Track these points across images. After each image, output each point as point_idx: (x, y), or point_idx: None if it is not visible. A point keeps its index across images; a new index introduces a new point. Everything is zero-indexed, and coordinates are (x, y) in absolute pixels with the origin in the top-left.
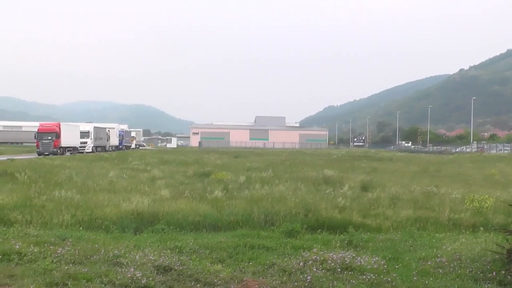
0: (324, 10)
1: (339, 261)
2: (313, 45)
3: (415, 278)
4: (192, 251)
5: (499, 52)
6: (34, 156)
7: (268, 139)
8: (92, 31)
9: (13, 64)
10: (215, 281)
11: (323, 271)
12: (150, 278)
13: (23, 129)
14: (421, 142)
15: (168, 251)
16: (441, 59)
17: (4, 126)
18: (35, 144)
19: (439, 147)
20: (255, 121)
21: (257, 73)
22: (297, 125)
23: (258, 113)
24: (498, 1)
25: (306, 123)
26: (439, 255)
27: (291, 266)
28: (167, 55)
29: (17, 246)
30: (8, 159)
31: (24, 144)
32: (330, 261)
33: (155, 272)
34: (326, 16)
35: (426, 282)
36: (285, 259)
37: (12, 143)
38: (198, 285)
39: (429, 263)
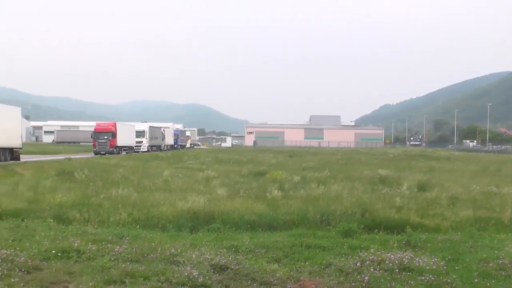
0: (379, 7)
1: (397, 261)
2: (369, 43)
3: (476, 280)
4: (248, 250)
5: None
6: (90, 155)
7: (323, 138)
8: (148, 31)
9: (71, 65)
10: (272, 280)
11: (380, 271)
12: (207, 277)
13: (80, 128)
14: (480, 141)
15: (224, 250)
16: (501, 56)
17: (62, 126)
18: (92, 143)
19: (499, 146)
20: (310, 120)
21: (312, 71)
22: (352, 124)
23: (313, 112)
24: None
25: (361, 122)
26: (501, 257)
27: (348, 266)
28: (223, 55)
29: (76, 244)
30: (66, 158)
31: (81, 143)
32: (387, 262)
33: (212, 271)
34: (383, 13)
35: (488, 284)
36: (342, 259)
37: (69, 142)
38: (255, 284)
39: (490, 264)
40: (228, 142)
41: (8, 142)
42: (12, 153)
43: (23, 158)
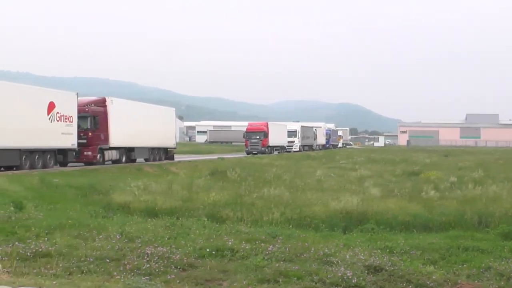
0: None
1: None
2: None
3: None
4: (402, 251)
5: None
6: (242, 155)
7: (479, 138)
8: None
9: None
10: (428, 283)
11: None
12: (361, 278)
13: (232, 128)
14: None
15: (379, 251)
16: None
17: (214, 126)
18: (244, 143)
19: None
20: (465, 119)
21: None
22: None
23: (469, 111)
24: None
25: None
26: None
27: (510, 270)
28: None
29: (230, 243)
30: (218, 158)
31: (233, 143)
32: None
33: (366, 271)
34: None
35: None
36: (502, 262)
37: (222, 142)
38: (410, 286)
39: None
40: (381, 142)
41: (163, 142)
42: (166, 153)
43: (177, 157)
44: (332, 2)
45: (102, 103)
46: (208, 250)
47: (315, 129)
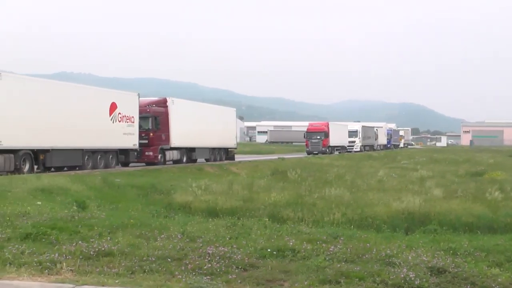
0: None
1: None
2: None
3: None
4: (466, 253)
5: None
6: (303, 155)
7: None
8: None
9: (284, 65)
10: (493, 285)
11: None
12: (424, 280)
13: (293, 128)
14: None
15: (442, 252)
16: None
17: (275, 126)
18: (305, 143)
19: None
20: None
21: None
22: None
23: None
24: None
25: None
26: None
27: None
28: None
29: (291, 243)
30: (279, 158)
31: (293, 143)
32: None
33: (429, 273)
34: None
35: None
36: None
37: (282, 142)
38: None
39: None
40: (443, 142)
41: (224, 142)
42: (227, 153)
43: (238, 158)
44: (393, 0)
45: (163, 103)
46: (269, 250)
47: (376, 129)
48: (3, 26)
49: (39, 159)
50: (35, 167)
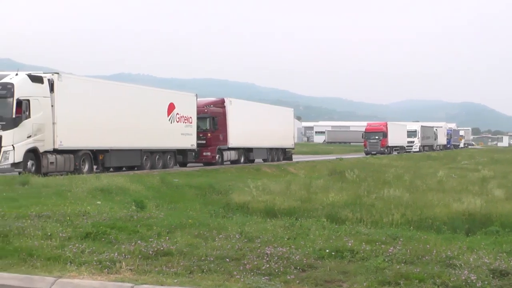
0: None
1: None
2: None
3: None
4: None
5: None
6: (361, 155)
7: None
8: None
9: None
10: None
11: None
12: (485, 282)
13: (351, 128)
14: None
15: (504, 254)
16: None
17: (332, 126)
18: (363, 143)
19: None
20: None
21: None
22: None
23: None
24: None
25: None
26: None
27: None
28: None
29: (349, 244)
30: (337, 158)
31: (351, 143)
32: None
33: (491, 275)
34: None
35: None
36: None
37: (340, 142)
38: None
39: None
40: (505, 142)
41: (282, 142)
42: (285, 153)
43: (295, 158)
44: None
45: (221, 104)
46: (327, 251)
47: (436, 129)
48: (63, 29)
49: (98, 159)
50: (94, 167)
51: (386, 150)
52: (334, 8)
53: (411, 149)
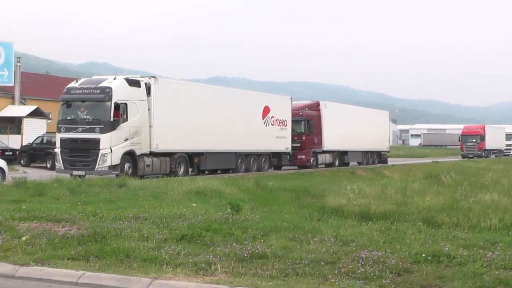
0: None
1: None
2: None
3: None
4: None
5: None
6: (457, 158)
7: None
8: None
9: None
10: None
11: None
12: None
13: (447, 131)
14: None
15: None
16: None
17: (428, 129)
18: (459, 146)
19: None
20: None
21: None
22: None
23: None
24: None
25: None
26: None
27: None
28: None
29: (446, 248)
30: (432, 161)
31: (447, 146)
32: None
33: None
34: None
35: None
36: None
37: (436, 145)
38: None
39: None
40: None
41: (377, 145)
42: (380, 156)
43: (390, 161)
44: None
45: (316, 107)
46: (423, 255)
47: None
48: (161, 36)
49: (194, 162)
50: (190, 170)
51: (483, 154)
52: (423, 8)
53: (510, 152)
